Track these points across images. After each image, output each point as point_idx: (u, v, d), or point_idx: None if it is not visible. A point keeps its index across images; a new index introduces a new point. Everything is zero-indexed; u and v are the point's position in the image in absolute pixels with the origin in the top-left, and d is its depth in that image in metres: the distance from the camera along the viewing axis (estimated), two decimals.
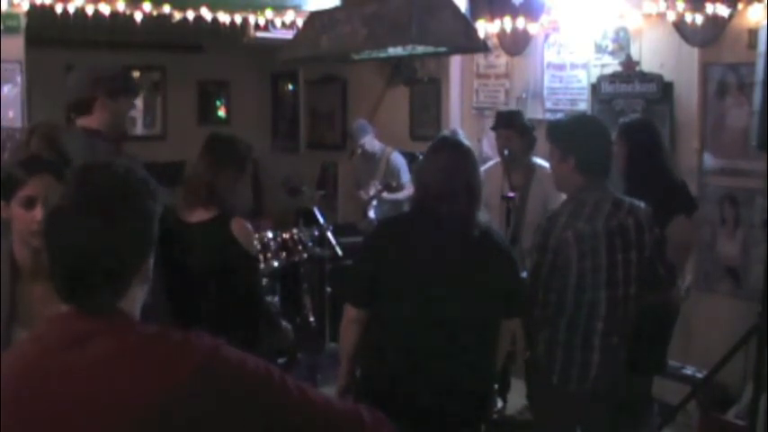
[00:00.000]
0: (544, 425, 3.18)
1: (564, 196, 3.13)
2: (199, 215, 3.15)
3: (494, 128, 4.81)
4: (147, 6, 5.39)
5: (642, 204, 3.05)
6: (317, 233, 5.56)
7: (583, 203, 2.93)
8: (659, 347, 3.88)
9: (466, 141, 2.89)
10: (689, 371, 4.69)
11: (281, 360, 5.28)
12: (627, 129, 3.89)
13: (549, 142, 3.13)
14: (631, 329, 3.11)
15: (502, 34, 5.99)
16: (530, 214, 4.38)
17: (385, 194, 6.08)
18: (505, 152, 4.61)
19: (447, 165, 2.67)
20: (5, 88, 5.17)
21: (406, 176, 6.13)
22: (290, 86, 9.10)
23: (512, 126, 4.67)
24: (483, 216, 2.85)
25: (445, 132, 5.39)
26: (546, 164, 3.73)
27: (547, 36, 5.88)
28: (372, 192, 6.12)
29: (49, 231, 1.38)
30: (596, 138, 3.04)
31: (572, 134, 3.07)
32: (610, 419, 3.15)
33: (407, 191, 5.94)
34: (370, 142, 6.41)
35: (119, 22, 5.35)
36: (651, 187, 3.29)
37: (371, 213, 6.15)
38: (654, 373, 3.94)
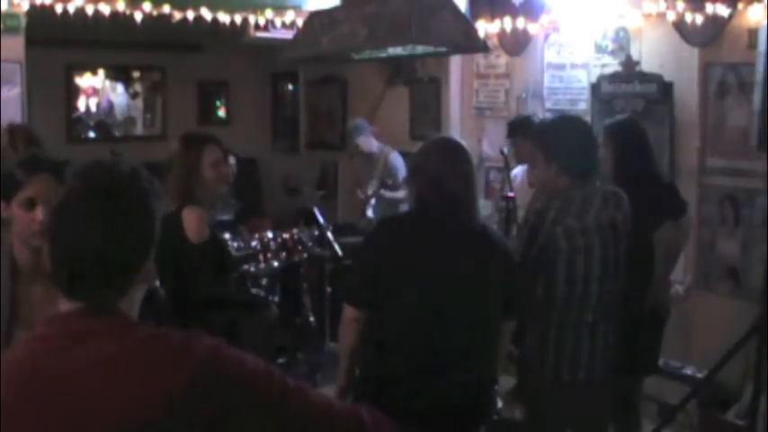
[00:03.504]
0: (538, 421, 3.18)
1: None
2: None
3: (506, 136, 5.08)
4: (147, 6, 5.39)
5: (623, 193, 3.08)
6: (316, 233, 5.56)
7: (571, 200, 2.95)
8: (650, 348, 3.88)
9: (462, 141, 2.89)
10: (689, 371, 4.69)
11: (281, 360, 5.29)
12: (613, 130, 3.85)
13: (534, 146, 3.15)
14: (622, 325, 3.13)
15: (502, 34, 5.99)
16: None
17: (383, 192, 6.08)
18: (504, 150, 4.75)
19: (445, 164, 2.67)
20: (5, 88, 5.16)
21: (403, 176, 6.14)
22: (290, 86, 9.10)
23: (516, 133, 4.88)
24: (482, 214, 2.86)
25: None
26: None
27: (547, 36, 5.88)
28: (370, 191, 6.12)
29: (53, 227, 1.39)
30: (578, 139, 3.04)
31: (553, 138, 3.08)
32: (602, 414, 3.17)
33: (405, 190, 5.96)
34: (366, 142, 6.38)
35: (119, 22, 5.35)
36: (638, 190, 3.28)
37: (370, 212, 6.16)
38: (644, 373, 3.95)
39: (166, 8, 5.50)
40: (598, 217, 2.95)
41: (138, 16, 5.39)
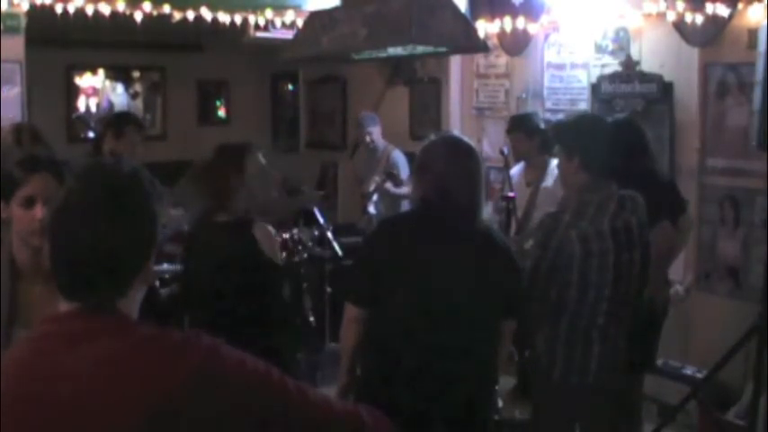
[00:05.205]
0: (544, 422, 3.18)
1: None
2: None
3: (507, 132, 5.15)
4: (147, 6, 5.39)
5: (640, 198, 3.07)
6: (316, 233, 5.56)
7: (586, 203, 2.94)
8: (648, 346, 3.89)
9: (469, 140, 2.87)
10: (689, 371, 4.69)
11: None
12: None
13: (555, 142, 3.17)
14: (630, 326, 3.13)
15: (502, 34, 5.99)
16: (539, 209, 4.51)
17: (388, 185, 6.07)
18: (504, 150, 4.79)
19: (451, 165, 2.66)
20: (5, 88, 5.16)
21: (406, 173, 6.13)
22: (290, 86, 9.10)
23: (518, 129, 4.95)
24: (485, 215, 2.85)
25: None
26: None
27: (547, 36, 5.88)
28: (372, 187, 6.12)
29: (54, 228, 1.39)
30: (601, 137, 3.07)
31: (577, 133, 3.08)
32: (608, 416, 3.16)
33: (408, 187, 5.95)
34: (378, 134, 6.43)
35: (119, 22, 5.35)
36: (637, 189, 3.29)
37: (371, 209, 6.15)
38: (642, 371, 3.95)
39: (166, 8, 5.50)
40: (613, 221, 2.93)
41: (138, 16, 5.39)
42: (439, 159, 2.68)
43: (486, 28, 5.88)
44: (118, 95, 8.74)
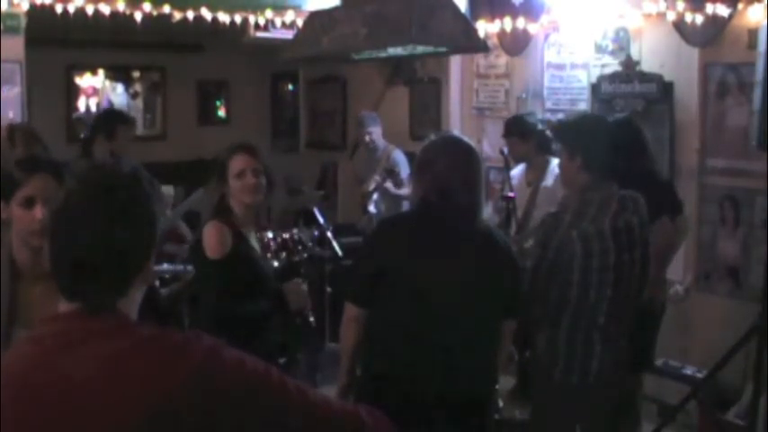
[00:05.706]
0: (544, 422, 3.18)
1: None
2: None
3: (502, 136, 5.16)
4: (147, 6, 5.39)
5: (641, 198, 3.08)
6: (316, 233, 5.56)
7: (588, 203, 2.94)
8: (646, 344, 3.89)
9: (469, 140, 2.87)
10: (689, 371, 4.69)
11: (281, 360, 5.29)
12: None
13: (557, 141, 3.18)
14: (630, 326, 3.13)
15: (502, 34, 5.99)
16: (539, 208, 4.52)
17: (388, 185, 6.06)
18: (504, 150, 4.80)
19: (452, 165, 2.66)
20: (5, 88, 5.16)
21: (406, 173, 6.13)
22: (290, 86, 9.10)
23: (512, 133, 4.97)
24: (485, 215, 2.85)
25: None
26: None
27: (547, 36, 5.88)
28: (373, 186, 6.11)
29: (54, 228, 1.39)
30: (603, 137, 3.07)
31: (579, 133, 3.09)
32: (608, 416, 3.17)
33: (408, 187, 5.94)
34: (378, 134, 6.43)
35: (119, 22, 5.35)
36: (634, 188, 3.29)
37: (372, 208, 6.14)
38: (640, 370, 3.95)
39: (166, 8, 5.50)
40: (614, 221, 2.94)
41: (138, 16, 5.39)
42: (439, 159, 2.68)
43: (486, 28, 5.88)
44: (118, 95, 8.74)
